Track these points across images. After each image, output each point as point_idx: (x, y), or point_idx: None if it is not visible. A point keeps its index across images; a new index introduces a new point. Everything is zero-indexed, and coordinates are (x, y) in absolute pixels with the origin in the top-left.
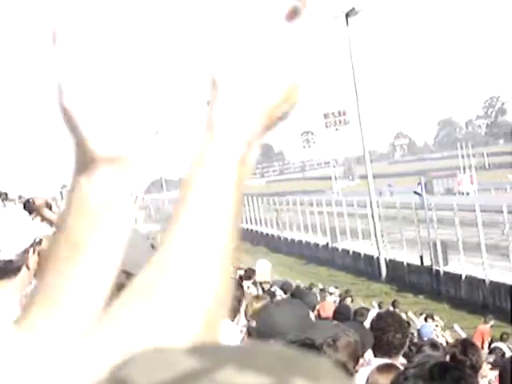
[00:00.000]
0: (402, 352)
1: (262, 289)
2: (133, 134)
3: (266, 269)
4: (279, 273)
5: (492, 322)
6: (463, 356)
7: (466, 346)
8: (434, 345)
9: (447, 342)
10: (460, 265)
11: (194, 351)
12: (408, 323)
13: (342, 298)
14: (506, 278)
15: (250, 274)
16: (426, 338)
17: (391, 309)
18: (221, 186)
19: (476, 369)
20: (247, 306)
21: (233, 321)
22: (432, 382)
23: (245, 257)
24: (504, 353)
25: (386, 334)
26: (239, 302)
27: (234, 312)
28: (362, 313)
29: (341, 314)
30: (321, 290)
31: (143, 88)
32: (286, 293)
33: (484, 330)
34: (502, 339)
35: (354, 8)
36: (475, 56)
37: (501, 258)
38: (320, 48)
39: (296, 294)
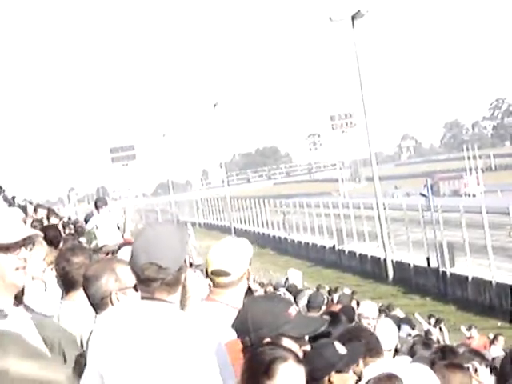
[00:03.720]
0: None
1: (265, 291)
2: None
3: (297, 277)
4: None
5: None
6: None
7: (446, 351)
8: (426, 344)
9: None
10: (467, 266)
11: None
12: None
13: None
14: None
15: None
16: None
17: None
18: None
19: None
20: None
21: None
22: None
23: (253, 259)
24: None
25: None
26: None
27: None
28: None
29: (345, 315)
30: (328, 291)
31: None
32: (295, 295)
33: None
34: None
35: (359, 11)
36: (481, 57)
37: (507, 260)
38: (326, 51)
39: (301, 295)
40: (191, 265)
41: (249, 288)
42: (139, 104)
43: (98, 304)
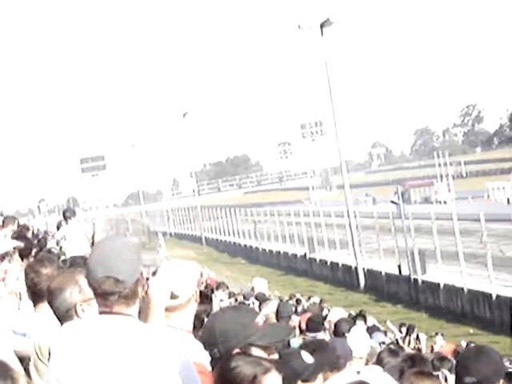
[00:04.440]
0: None
1: (235, 300)
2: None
3: (263, 285)
4: None
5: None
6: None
7: (415, 360)
8: (394, 351)
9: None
10: (438, 273)
11: None
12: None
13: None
14: (484, 286)
15: (221, 285)
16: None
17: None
18: None
19: None
20: None
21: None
22: None
23: (224, 268)
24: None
25: None
26: (208, 314)
27: (201, 324)
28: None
29: (313, 322)
30: (296, 300)
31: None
32: (260, 304)
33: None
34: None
35: (328, 19)
36: (451, 64)
37: (479, 266)
38: (296, 59)
39: (264, 305)
40: (154, 273)
41: (209, 298)
42: (109, 114)
43: (64, 316)
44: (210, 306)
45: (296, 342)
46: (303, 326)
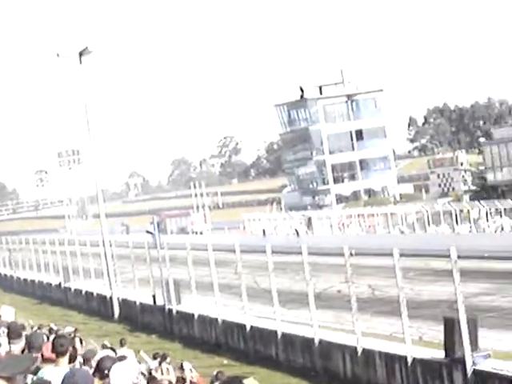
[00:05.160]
0: None
1: None
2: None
3: (10, 314)
4: None
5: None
6: None
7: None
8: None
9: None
10: (193, 304)
11: None
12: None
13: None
14: (239, 317)
15: None
16: None
17: (121, 348)
18: None
19: None
20: None
21: None
22: None
23: None
24: None
25: None
26: None
27: None
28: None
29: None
30: (50, 330)
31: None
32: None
33: None
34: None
35: (87, 47)
36: (208, 96)
37: (234, 297)
38: (55, 87)
39: (21, 334)
40: None
41: None
42: None
43: None
44: None
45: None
46: (45, 355)
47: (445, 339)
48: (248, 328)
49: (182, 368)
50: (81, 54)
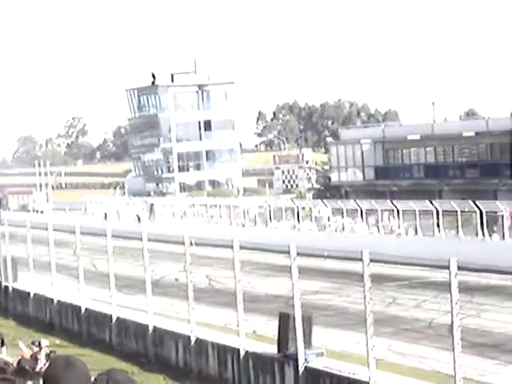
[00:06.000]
0: None
1: None
2: None
3: None
4: None
5: None
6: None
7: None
8: None
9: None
10: (29, 282)
11: None
12: None
13: None
14: (75, 298)
15: None
16: None
17: None
18: None
19: None
20: None
21: None
22: None
23: None
24: None
25: None
26: None
27: None
28: None
29: None
30: None
31: None
32: None
33: None
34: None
35: None
36: (59, 75)
37: (71, 278)
38: None
39: None
40: None
41: None
42: None
43: None
44: None
45: None
46: None
47: (278, 334)
48: (83, 310)
49: (39, 345)
50: None
